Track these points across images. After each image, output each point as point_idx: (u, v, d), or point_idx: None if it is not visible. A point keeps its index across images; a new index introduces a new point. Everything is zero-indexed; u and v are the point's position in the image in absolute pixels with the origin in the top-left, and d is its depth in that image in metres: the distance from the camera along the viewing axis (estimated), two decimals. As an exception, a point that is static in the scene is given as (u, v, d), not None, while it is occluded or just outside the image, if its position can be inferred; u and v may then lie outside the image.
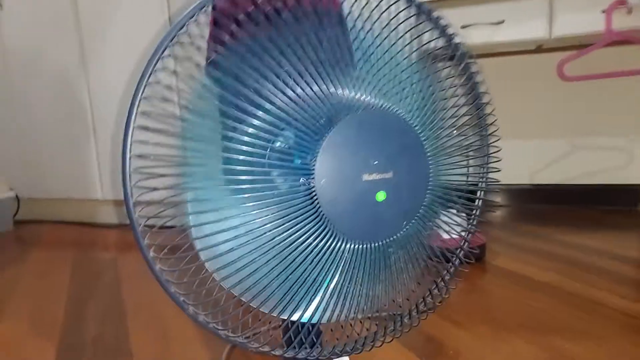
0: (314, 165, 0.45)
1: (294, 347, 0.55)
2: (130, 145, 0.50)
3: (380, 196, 0.47)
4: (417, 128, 0.50)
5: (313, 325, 0.57)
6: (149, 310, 1.13)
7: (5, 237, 1.96)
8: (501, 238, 1.53)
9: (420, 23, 0.54)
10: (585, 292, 1.09)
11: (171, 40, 0.47)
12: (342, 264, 0.50)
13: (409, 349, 0.88)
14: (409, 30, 0.53)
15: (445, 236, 0.88)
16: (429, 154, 0.51)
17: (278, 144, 0.47)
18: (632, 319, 0.95)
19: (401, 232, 0.50)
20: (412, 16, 0.53)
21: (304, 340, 0.56)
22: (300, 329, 0.56)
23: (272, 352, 0.55)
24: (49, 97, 1.97)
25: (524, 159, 1.90)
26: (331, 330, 0.60)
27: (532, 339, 0.89)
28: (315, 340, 0.58)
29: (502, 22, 1.38)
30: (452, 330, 0.94)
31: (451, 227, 0.60)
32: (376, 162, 0.46)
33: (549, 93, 1.84)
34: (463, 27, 1.42)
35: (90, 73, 1.87)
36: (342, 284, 0.51)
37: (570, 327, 0.93)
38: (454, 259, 0.68)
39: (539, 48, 1.76)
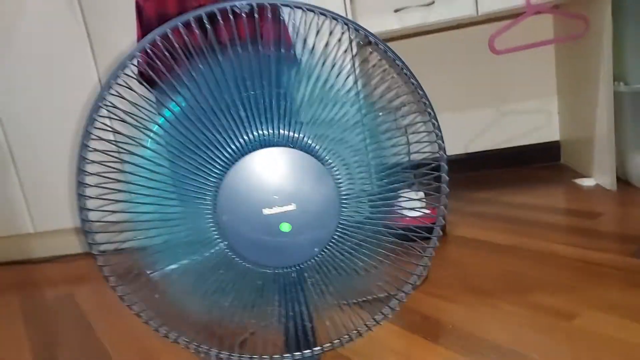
0: (215, 203, 0.48)
1: (292, 349, 0.58)
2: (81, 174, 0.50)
3: (285, 227, 0.49)
4: (330, 162, 0.51)
5: (306, 325, 0.59)
6: (131, 344, 1.06)
7: None
8: (453, 208, 1.62)
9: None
10: (545, 248, 1.19)
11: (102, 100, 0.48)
12: (255, 289, 0.53)
13: (412, 332, 0.92)
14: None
15: (412, 214, 0.91)
16: (341, 182, 0.52)
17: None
18: (594, 265, 1.07)
19: (314, 259, 0.52)
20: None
21: (301, 341, 0.58)
22: (296, 333, 0.58)
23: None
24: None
25: (458, 131, 2.02)
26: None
27: (515, 300, 0.96)
28: (310, 339, 0.60)
29: (433, 3, 1.44)
30: (443, 305, 1.00)
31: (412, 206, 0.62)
32: (276, 196, 0.49)
33: (473, 66, 1.95)
34: (396, 10, 1.46)
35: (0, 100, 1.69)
36: (260, 305, 0.55)
37: (543, 283, 1.02)
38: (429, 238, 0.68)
39: (459, 25, 1.86)
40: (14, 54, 1.64)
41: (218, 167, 0.49)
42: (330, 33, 0.53)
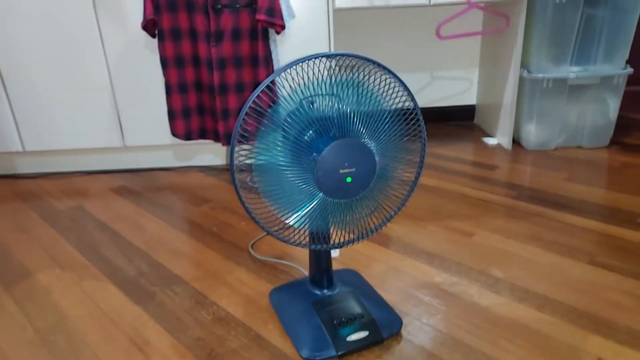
0: (318, 164, 0.86)
1: (315, 242, 0.98)
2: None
3: (349, 180, 0.89)
4: (370, 146, 0.91)
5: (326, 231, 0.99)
6: (164, 246, 1.39)
7: None
8: (392, 154, 2.07)
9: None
10: (457, 189, 1.68)
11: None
12: (328, 209, 0.93)
13: (371, 242, 1.36)
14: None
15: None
16: (377, 159, 0.93)
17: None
18: (488, 203, 1.57)
19: (359, 195, 0.93)
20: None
21: (320, 239, 0.98)
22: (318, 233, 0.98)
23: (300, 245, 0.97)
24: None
25: (397, 88, 2.44)
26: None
27: (439, 224, 1.44)
28: (326, 239, 1.00)
29: (396, -11, 1.79)
30: (389, 225, 1.45)
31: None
32: (347, 163, 0.88)
33: (418, 37, 2.34)
34: (367, -8, 1.79)
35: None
36: (330, 219, 0.95)
37: (454, 213, 1.50)
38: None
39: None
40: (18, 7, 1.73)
41: (319, 149, 0.85)
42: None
